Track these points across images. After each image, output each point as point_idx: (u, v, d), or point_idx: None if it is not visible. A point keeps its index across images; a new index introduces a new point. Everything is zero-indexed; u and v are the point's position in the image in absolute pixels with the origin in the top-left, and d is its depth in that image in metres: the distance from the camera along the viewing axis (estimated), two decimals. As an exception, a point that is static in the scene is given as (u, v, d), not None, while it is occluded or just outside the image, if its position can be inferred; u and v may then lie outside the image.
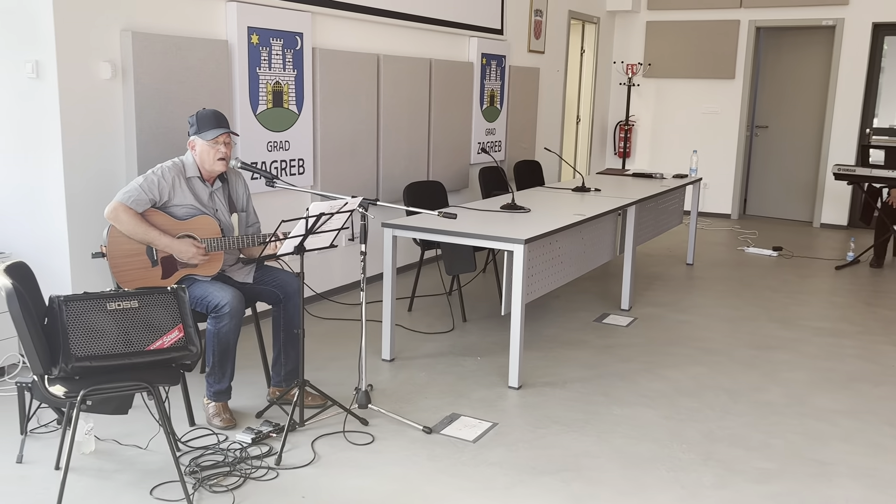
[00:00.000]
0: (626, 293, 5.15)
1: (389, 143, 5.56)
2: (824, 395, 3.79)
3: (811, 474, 3.00)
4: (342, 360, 4.11)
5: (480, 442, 3.20)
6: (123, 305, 2.59)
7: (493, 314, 5.02)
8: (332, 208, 3.06)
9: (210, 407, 3.28)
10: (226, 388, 3.28)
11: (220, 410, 3.27)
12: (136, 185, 3.17)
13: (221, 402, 3.29)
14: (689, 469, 3.02)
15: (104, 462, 2.95)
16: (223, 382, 3.27)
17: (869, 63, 8.24)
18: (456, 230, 3.82)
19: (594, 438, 3.26)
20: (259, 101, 4.46)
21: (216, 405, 3.28)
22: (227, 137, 3.31)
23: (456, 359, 4.17)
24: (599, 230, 4.80)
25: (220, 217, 3.36)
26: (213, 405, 3.28)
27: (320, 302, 5.13)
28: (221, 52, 4.18)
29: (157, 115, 3.86)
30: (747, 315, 5.12)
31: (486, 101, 6.72)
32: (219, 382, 3.26)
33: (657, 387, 3.84)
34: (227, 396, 3.31)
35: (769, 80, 8.98)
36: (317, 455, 3.05)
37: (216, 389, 3.27)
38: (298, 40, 4.67)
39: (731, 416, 3.51)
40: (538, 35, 7.60)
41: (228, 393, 3.31)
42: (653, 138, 9.43)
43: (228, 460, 2.95)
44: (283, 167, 4.69)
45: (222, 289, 3.20)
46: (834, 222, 8.60)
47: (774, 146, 9.04)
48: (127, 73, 3.74)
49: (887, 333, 4.78)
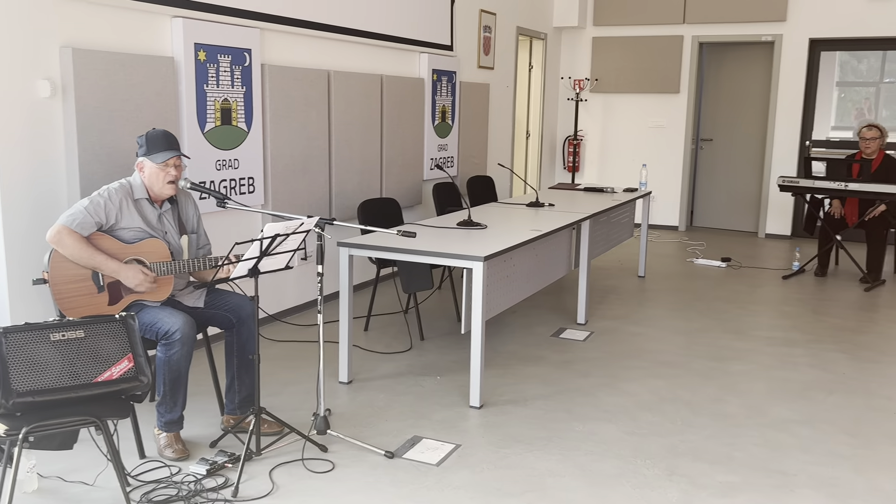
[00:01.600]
0: (582, 307, 5.15)
1: (342, 160, 5.48)
2: (781, 405, 3.83)
3: (774, 486, 3.01)
4: (298, 384, 4.00)
5: (444, 465, 3.13)
6: (68, 336, 2.46)
7: (451, 332, 4.96)
8: (287, 229, 2.97)
9: (161, 438, 3.14)
10: (178, 417, 3.15)
11: (173, 441, 3.14)
12: (81, 208, 3.03)
13: (174, 433, 3.16)
14: (655, 485, 3.00)
15: (48, 501, 2.79)
16: (175, 412, 3.14)
17: (807, 77, 8.49)
18: (413, 248, 3.76)
19: (558, 457, 3.22)
20: (207, 118, 4.34)
21: (168, 436, 3.14)
22: (177, 160, 3.20)
23: (415, 379, 4.10)
24: (555, 245, 4.80)
25: (169, 240, 3.24)
26: (165, 436, 3.14)
27: (273, 323, 5.00)
28: (167, 70, 4.06)
29: (99, 134, 3.72)
30: (701, 326, 5.17)
31: (437, 117, 6.69)
32: (170, 412, 3.13)
33: (617, 401, 3.84)
34: (180, 426, 3.18)
35: (713, 95, 9.18)
36: (275, 485, 2.94)
37: (168, 419, 3.13)
38: (247, 56, 4.57)
39: (693, 430, 3.52)
40: (487, 51, 7.63)
41: (181, 422, 3.18)
42: (601, 152, 9.54)
43: (182, 493, 2.82)
44: (233, 186, 4.57)
45: (172, 314, 3.08)
46: (778, 232, 8.80)
47: (719, 159, 9.23)
48: (67, 91, 3.59)
49: (836, 341, 4.88)
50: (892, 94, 8.34)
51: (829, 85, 8.58)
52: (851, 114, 8.55)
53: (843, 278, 6.71)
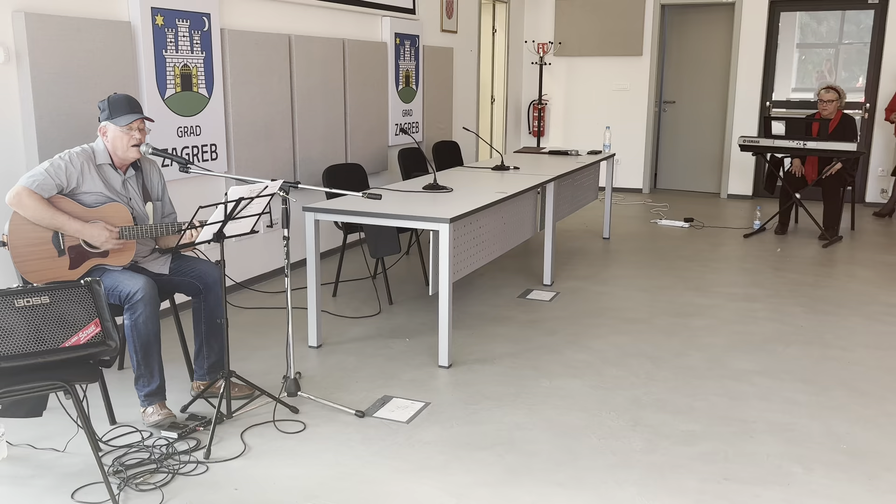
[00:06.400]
0: (548, 268, 5.22)
1: (305, 125, 5.44)
2: (741, 358, 3.94)
3: (734, 433, 3.12)
4: (268, 349, 4.02)
5: (414, 422, 3.18)
6: (33, 301, 2.44)
7: (419, 295, 5.00)
8: (251, 192, 2.97)
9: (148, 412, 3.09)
10: (157, 386, 3.11)
11: (158, 408, 3.11)
12: (42, 170, 2.99)
13: (157, 404, 3.13)
14: (619, 435, 3.09)
15: (19, 468, 2.79)
16: (154, 381, 3.09)
17: (767, 38, 8.57)
18: (380, 212, 3.78)
19: (525, 411, 3.29)
20: (167, 85, 4.28)
21: (153, 406, 3.11)
22: (141, 123, 3.16)
23: (384, 341, 4.14)
24: (520, 207, 4.84)
25: (133, 206, 3.21)
26: (152, 408, 3.11)
27: (241, 291, 4.99)
28: (124, 35, 3.98)
29: (57, 100, 3.65)
30: (664, 284, 5.27)
31: (401, 82, 6.66)
32: (149, 383, 3.08)
33: (583, 357, 3.92)
34: (162, 396, 3.14)
35: (675, 57, 9.24)
36: (247, 446, 2.97)
37: (148, 391, 3.08)
38: (206, 21, 4.50)
39: (656, 382, 3.61)
40: (450, 14, 7.58)
41: (162, 392, 3.13)
42: (565, 116, 9.58)
43: (154, 457, 2.84)
44: (196, 153, 4.53)
45: (133, 277, 3.06)
46: (740, 192, 8.95)
47: (682, 121, 9.32)
48: (22, 56, 3.52)
49: (794, 296, 5.01)
50: (850, 55, 8.47)
51: (789, 47, 8.68)
52: (813, 76, 8.67)
53: (803, 235, 6.86)
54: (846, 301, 4.91)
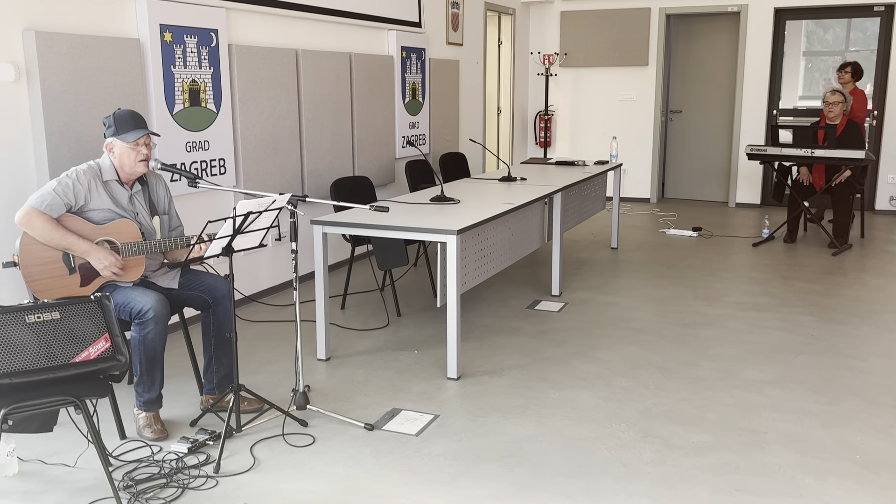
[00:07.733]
0: (556, 279, 5.21)
1: (313, 139, 5.47)
2: (751, 368, 3.92)
3: (745, 444, 3.10)
4: (276, 362, 4.02)
5: (423, 435, 3.18)
6: (44, 317, 2.45)
7: (428, 307, 5.00)
8: (260, 206, 2.98)
9: (141, 418, 3.16)
10: (156, 396, 3.17)
11: (152, 421, 3.15)
12: (50, 189, 3.01)
13: (153, 412, 3.17)
14: (630, 447, 3.07)
15: (30, 484, 2.80)
16: (153, 391, 3.15)
17: (773, 47, 8.58)
18: (387, 224, 3.79)
19: (535, 423, 3.28)
20: (175, 100, 4.31)
21: (147, 416, 3.16)
22: (147, 139, 3.19)
23: (393, 353, 4.14)
24: (528, 218, 4.84)
25: (141, 220, 3.23)
26: (144, 416, 3.15)
27: (249, 305, 5.01)
28: (133, 51, 4.02)
29: (67, 117, 3.69)
30: (673, 294, 5.25)
31: (408, 95, 6.68)
32: (148, 391, 3.14)
33: (592, 368, 3.90)
34: (159, 405, 3.19)
35: (681, 66, 9.25)
36: (257, 460, 2.97)
37: (146, 399, 3.15)
38: (214, 37, 4.54)
39: (666, 393, 3.60)
40: (456, 27, 7.61)
41: (159, 402, 3.19)
42: (572, 127, 9.59)
43: (164, 471, 2.84)
44: (204, 168, 4.55)
45: (145, 294, 3.08)
46: (748, 201, 8.93)
47: (689, 130, 9.32)
48: (32, 74, 3.55)
49: (804, 305, 4.99)
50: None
51: (795, 54, 8.68)
52: (819, 83, 8.66)
53: (812, 244, 6.83)
54: (857, 310, 4.88)
